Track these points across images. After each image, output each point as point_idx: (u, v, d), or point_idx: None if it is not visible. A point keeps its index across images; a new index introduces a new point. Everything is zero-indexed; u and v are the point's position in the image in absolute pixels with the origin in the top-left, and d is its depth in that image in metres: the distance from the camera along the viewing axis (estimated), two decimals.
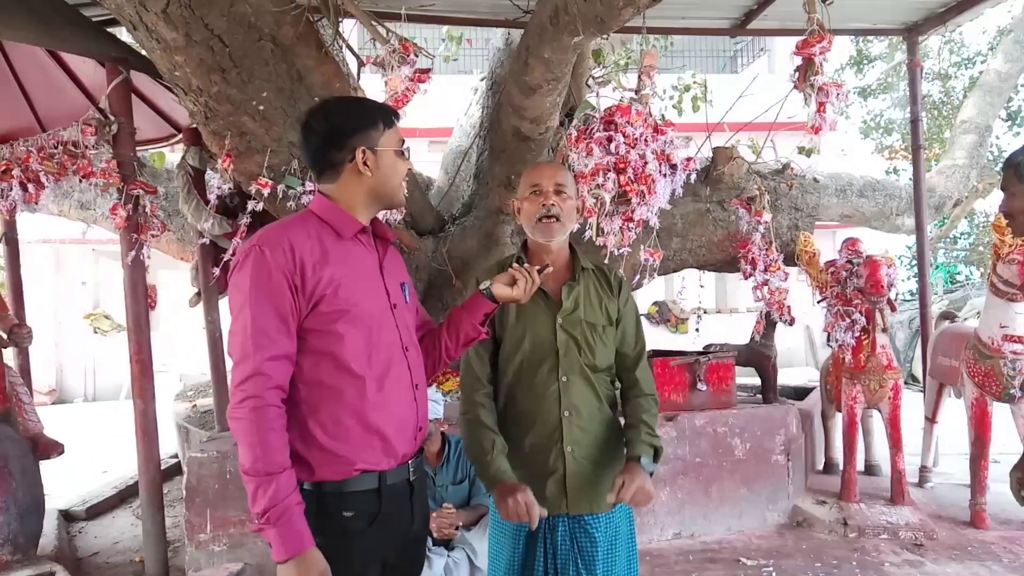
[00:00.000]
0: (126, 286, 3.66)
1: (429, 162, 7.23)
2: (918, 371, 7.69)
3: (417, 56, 3.03)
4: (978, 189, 7.33)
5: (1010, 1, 6.66)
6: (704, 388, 4.25)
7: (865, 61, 12.56)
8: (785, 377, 5.40)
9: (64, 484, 5.40)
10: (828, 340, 4.54)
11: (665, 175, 3.39)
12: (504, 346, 2.03)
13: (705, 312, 5.63)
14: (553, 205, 1.97)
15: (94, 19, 3.93)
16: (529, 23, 3.35)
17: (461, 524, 3.16)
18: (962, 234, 14.83)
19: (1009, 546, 3.84)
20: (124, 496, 5.26)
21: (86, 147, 3.72)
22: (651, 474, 1.91)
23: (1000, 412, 4.17)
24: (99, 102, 3.89)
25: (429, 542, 3.05)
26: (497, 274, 1.87)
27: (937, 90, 12.12)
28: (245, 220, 3.61)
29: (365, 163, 1.66)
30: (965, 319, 5.51)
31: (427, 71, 3.04)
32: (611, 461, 2.01)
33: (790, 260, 4.90)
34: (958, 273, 15.23)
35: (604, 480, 1.96)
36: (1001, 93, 7.26)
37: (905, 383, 7.50)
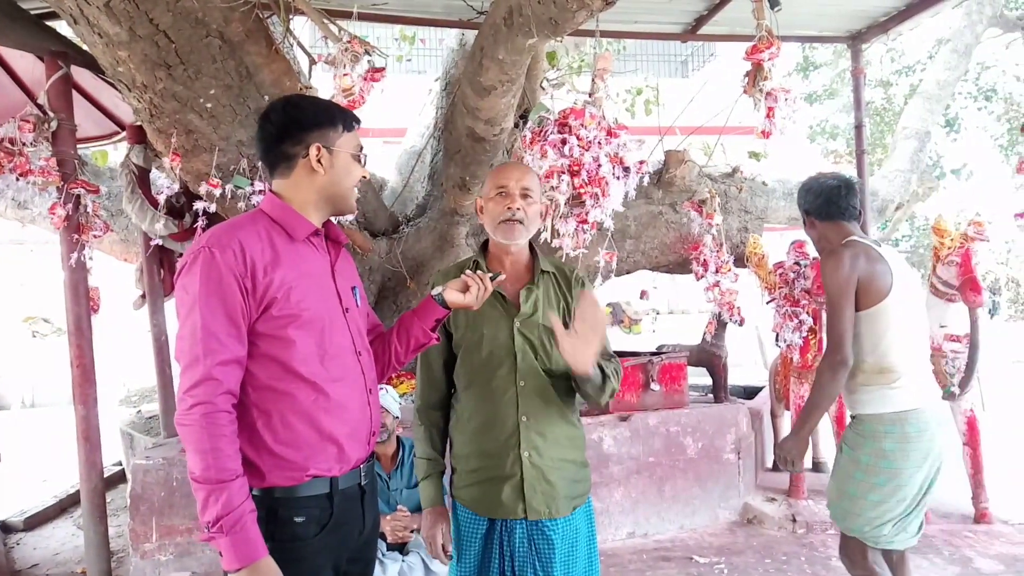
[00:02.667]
0: (67, 288, 3.54)
1: (383, 159, 7.16)
2: None
3: (370, 55, 3.00)
4: (918, 193, 7.55)
5: (947, 12, 6.89)
6: (657, 388, 4.30)
7: (811, 67, 12.88)
8: (735, 376, 5.49)
9: (1, 494, 5.19)
10: (777, 340, 4.64)
11: (618, 177, 3.41)
12: (461, 350, 2.01)
13: (658, 313, 5.70)
14: (519, 209, 1.96)
15: (32, 12, 3.80)
16: (483, 24, 3.34)
17: (415, 527, 3.13)
18: (903, 237, 15.31)
19: (949, 539, 3.97)
20: (65, 506, 5.10)
21: (23, 144, 3.59)
22: (596, 384, 1.88)
23: None
24: (37, 98, 3.75)
25: (383, 547, 3.02)
26: (454, 278, 1.85)
27: (879, 97, 12.50)
28: (201, 222, 3.53)
29: (319, 160, 1.63)
30: None
31: (380, 70, 3.01)
32: (570, 467, 2.00)
33: (740, 262, 5.00)
34: None
35: (563, 485, 1.96)
36: (940, 100, 7.50)
37: None
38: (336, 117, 1.68)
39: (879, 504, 2.41)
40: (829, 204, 2.56)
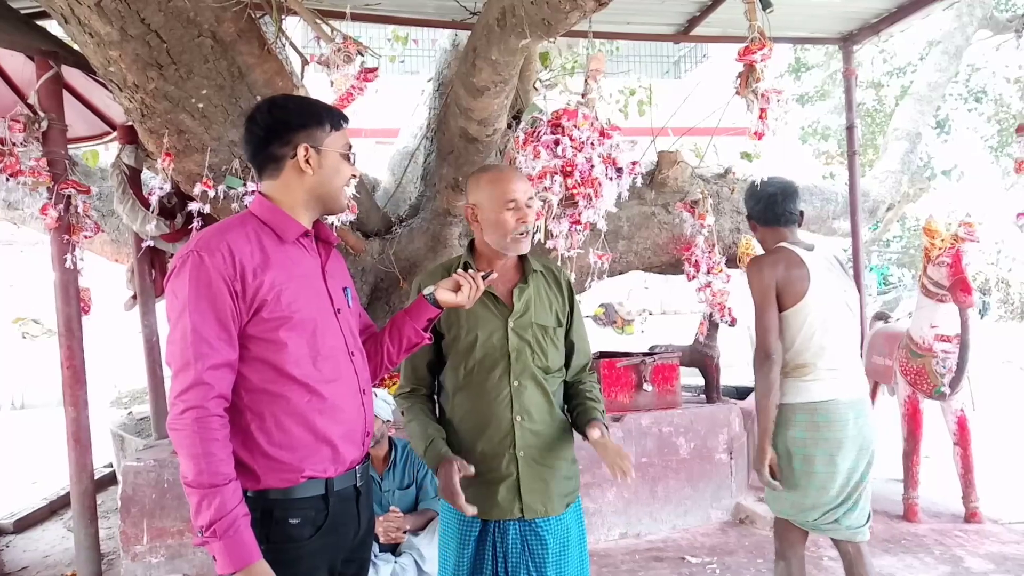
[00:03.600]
0: (57, 289, 3.53)
1: (375, 161, 7.16)
2: None
3: (363, 55, 2.99)
4: (909, 194, 7.60)
5: (938, 14, 6.93)
6: (650, 389, 4.31)
7: (803, 69, 12.92)
8: (728, 377, 5.51)
9: None
10: None
11: (611, 178, 3.42)
12: (453, 351, 2.01)
13: (651, 314, 5.71)
14: (529, 222, 1.96)
15: (23, 11, 3.78)
16: (476, 25, 3.34)
17: (408, 529, 3.12)
18: (894, 237, 15.39)
19: (940, 539, 3.99)
20: (55, 508, 5.07)
21: (14, 144, 3.57)
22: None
23: (931, 409, 4.33)
24: (28, 98, 3.74)
25: (376, 548, 3.01)
26: (442, 278, 1.85)
27: (871, 98, 12.54)
28: (196, 223, 3.52)
29: (307, 161, 1.62)
30: (898, 319, 5.70)
31: (373, 70, 3.01)
32: (563, 464, 2.02)
33: (732, 262, 5.01)
34: (891, 275, 15.79)
35: (556, 483, 1.98)
36: (930, 102, 7.53)
37: None
38: (323, 116, 1.67)
39: (796, 488, 2.59)
40: (767, 210, 2.73)
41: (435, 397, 2.12)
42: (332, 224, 3.55)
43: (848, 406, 2.56)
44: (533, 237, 3.28)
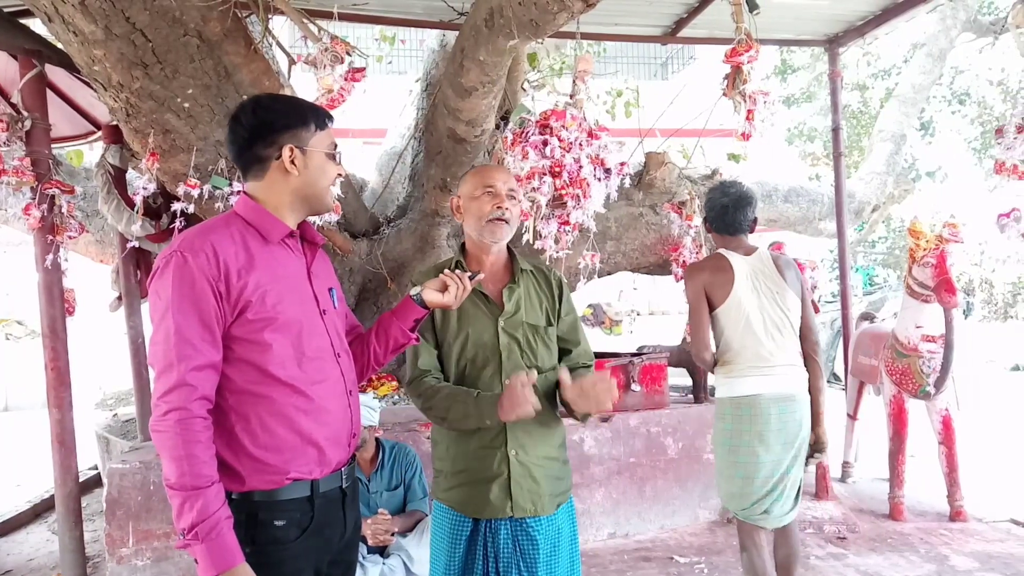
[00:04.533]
0: (41, 290, 3.49)
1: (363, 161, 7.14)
2: (840, 370, 7.99)
3: (350, 55, 2.98)
4: (894, 195, 7.64)
5: (922, 17, 6.99)
6: (638, 389, 4.32)
7: (789, 71, 13.00)
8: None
9: None
10: None
11: (599, 179, 3.42)
12: (446, 349, 2.01)
13: (639, 314, 5.72)
14: (507, 209, 1.99)
15: (6, 9, 3.74)
16: (464, 25, 3.34)
17: (396, 530, 3.11)
18: (880, 238, 15.51)
19: (925, 537, 4.02)
20: (39, 510, 5.03)
21: None
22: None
23: (916, 409, 4.37)
24: (11, 97, 3.70)
25: (364, 549, 3.00)
26: (434, 278, 1.85)
27: (856, 100, 12.64)
28: (179, 223, 3.49)
29: (292, 162, 1.61)
30: (883, 320, 5.74)
31: (361, 70, 3.00)
32: (554, 464, 2.03)
33: None
34: (876, 275, 15.91)
35: (547, 482, 1.99)
36: (915, 104, 7.60)
37: (827, 382, 7.78)
38: (308, 116, 1.65)
39: (723, 476, 2.80)
40: (717, 219, 2.92)
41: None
42: (318, 224, 3.54)
43: (771, 401, 2.70)
44: (522, 238, 3.29)
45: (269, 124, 1.61)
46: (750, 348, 2.75)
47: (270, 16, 3.28)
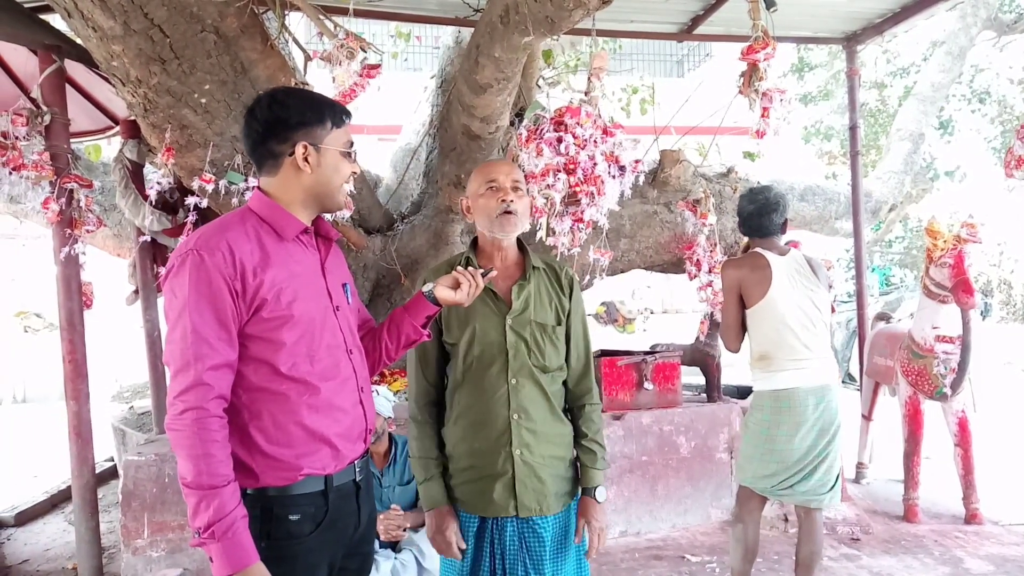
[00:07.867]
0: (59, 283, 3.53)
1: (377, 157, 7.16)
2: (855, 370, 7.94)
3: (365, 51, 2.99)
4: (912, 195, 7.58)
5: (942, 14, 6.92)
6: (651, 387, 4.31)
7: (806, 68, 12.89)
8: (728, 376, 5.50)
9: None
10: None
11: (614, 176, 3.42)
12: (453, 346, 2.01)
13: (652, 313, 5.71)
14: (512, 201, 1.97)
15: (26, 5, 3.78)
16: (479, 22, 3.34)
17: (408, 526, 3.12)
18: (897, 238, 15.35)
19: (940, 539, 3.99)
20: (56, 501, 5.08)
21: (16, 138, 3.57)
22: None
23: (932, 410, 4.33)
24: (31, 91, 3.74)
25: (376, 544, 3.01)
26: (445, 274, 1.84)
27: (874, 98, 12.51)
28: (192, 217, 3.51)
29: (305, 159, 1.59)
30: (899, 320, 5.69)
31: (376, 67, 3.01)
32: (560, 464, 2.01)
33: None
34: (893, 275, 15.77)
35: (553, 482, 1.97)
36: (934, 102, 7.52)
37: (843, 382, 7.73)
38: (324, 113, 1.63)
39: (756, 460, 2.95)
40: (745, 223, 3.12)
41: (443, 398, 2.10)
42: (333, 220, 3.56)
43: (809, 392, 2.87)
44: (535, 234, 3.29)
45: (283, 120, 1.59)
46: (787, 343, 2.90)
47: (286, 12, 3.29)
